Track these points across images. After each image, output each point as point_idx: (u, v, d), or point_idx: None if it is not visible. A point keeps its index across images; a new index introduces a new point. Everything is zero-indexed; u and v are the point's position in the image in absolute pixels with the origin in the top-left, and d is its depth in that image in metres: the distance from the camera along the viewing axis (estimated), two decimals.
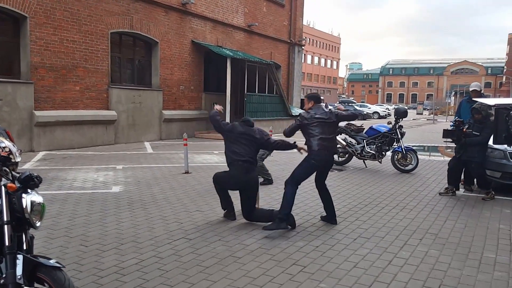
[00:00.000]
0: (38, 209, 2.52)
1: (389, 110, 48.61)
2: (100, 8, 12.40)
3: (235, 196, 5.59)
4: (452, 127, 7.21)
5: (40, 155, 10.41)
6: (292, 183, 5.21)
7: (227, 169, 5.44)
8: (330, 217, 5.51)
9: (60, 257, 4.01)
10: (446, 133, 7.25)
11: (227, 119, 15.79)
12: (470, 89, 8.20)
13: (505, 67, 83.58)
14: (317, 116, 5.20)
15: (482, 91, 8.40)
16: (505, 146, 6.89)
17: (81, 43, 12.02)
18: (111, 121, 12.87)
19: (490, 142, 6.79)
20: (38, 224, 2.54)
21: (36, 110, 10.94)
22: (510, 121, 2.82)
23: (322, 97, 6.25)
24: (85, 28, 12.08)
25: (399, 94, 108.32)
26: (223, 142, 5.49)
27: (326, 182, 5.58)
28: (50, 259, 2.54)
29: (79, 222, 5.15)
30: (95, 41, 12.39)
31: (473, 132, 6.92)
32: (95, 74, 12.49)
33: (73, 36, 11.79)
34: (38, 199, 2.53)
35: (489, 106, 6.94)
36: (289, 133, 5.40)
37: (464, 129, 7.01)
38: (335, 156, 10.26)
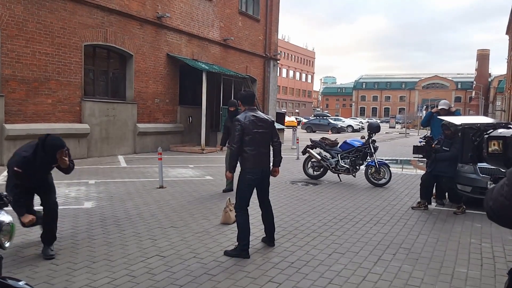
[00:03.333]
0: (7, 229, 2.45)
1: (362, 123, 49.54)
2: (73, 20, 12.26)
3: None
4: (421, 143, 7.41)
5: None
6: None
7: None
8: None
9: (30, 277, 3.89)
10: (416, 149, 7.45)
11: (202, 132, 15.75)
12: (439, 107, 8.44)
13: (475, 82, 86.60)
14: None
15: (450, 108, 8.66)
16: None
17: (54, 56, 11.83)
18: (84, 134, 12.64)
19: None
20: (7, 244, 2.46)
21: (6, 123, 10.65)
22: (477, 141, 2.90)
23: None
24: (58, 40, 11.89)
25: (372, 107, 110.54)
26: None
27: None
28: (19, 280, 2.47)
29: None
30: (68, 54, 12.21)
31: (443, 148, 7.13)
32: (68, 87, 12.28)
33: (46, 48, 11.59)
34: (7, 218, 2.46)
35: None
36: None
37: (433, 145, 7.21)
38: (311, 170, 10.39)
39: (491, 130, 2.11)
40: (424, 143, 7.30)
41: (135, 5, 14.30)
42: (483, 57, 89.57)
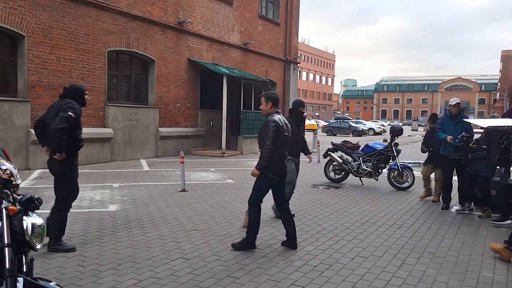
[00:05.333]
0: (39, 232, 2.52)
1: (384, 126, 48.93)
2: (97, 27, 12.53)
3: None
4: (459, 143, 7.17)
5: (36, 173, 10.37)
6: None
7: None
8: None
9: (58, 278, 3.99)
10: (455, 149, 7.23)
11: (223, 136, 15.85)
12: (453, 103, 7.98)
13: (499, 83, 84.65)
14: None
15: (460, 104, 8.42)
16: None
17: (78, 62, 12.10)
18: (107, 138, 12.87)
19: None
20: (38, 246, 2.54)
21: (32, 128, 10.91)
22: (505, 144, 2.87)
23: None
24: (82, 46, 12.17)
25: (394, 110, 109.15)
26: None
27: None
28: (50, 281, 2.54)
29: (76, 242, 5.11)
30: (92, 60, 12.48)
31: (482, 146, 6.95)
32: (92, 92, 12.51)
33: (70, 54, 11.87)
34: (38, 221, 2.53)
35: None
36: None
37: (471, 145, 7.07)
38: (332, 174, 10.34)
39: None
40: (462, 143, 7.12)
41: (157, 11, 14.52)
42: (507, 58, 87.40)
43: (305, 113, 7.07)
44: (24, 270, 2.50)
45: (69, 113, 4.65)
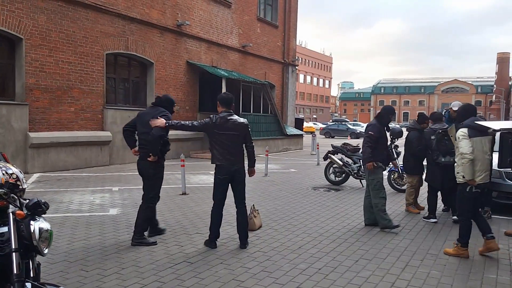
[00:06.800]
0: (46, 236, 2.50)
1: None
2: (95, 29, 12.50)
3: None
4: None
5: (35, 177, 10.31)
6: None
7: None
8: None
9: (61, 283, 3.95)
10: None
11: None
12: (454, 108, 8.06)
13: (495, 85, 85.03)
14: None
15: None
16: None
17: (77, 64, 12.06)
18: (106, 142, 12.83)
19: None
20: (45, 251, 2.51)
21: (30, 131, 10.88)
22: None
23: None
24: (81, 49, 12.13)
25: None
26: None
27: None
28: (58, 286, 2.51)
29: (78, 246, 5.08)
30: (90, 62, 12.44)
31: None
32: (90, 95, 12.50)
33: (69, 57, 11.83)
34: (46, 225, 2.51)
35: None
36: None
37: None
38: (332, 176, 10.32)
39: None
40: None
41: (156, 13, 14.51)
42: (503, 61, 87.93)
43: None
44: (32, 275, 2.47)
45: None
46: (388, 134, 6.68)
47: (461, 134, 5.03)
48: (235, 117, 5.12)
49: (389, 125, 6.72)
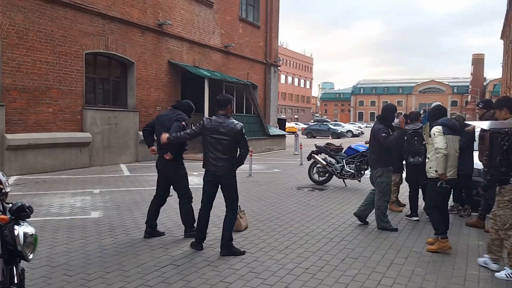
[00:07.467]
0: (31, 241, 2.41)
1: (361, 128, 49.61)
2: (74, 28, 12.25)
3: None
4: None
5: (12, 179, 10.03)
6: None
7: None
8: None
9: None
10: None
11: None
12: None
13: (470, 86, 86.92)
14: None
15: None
16: (480, 164, 7.06)
17: (55, 64, 11.80)
18: (85, 143, 12.58)
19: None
20: (30, 256, 2.43)
21: (7, 133, 10.59)
22: (506, 145, 2.91)
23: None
24: (59, 48, 11.88)
25: (370, 112, 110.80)
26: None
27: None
28: None
29: (60, 251, 4.95)
30: (69, 62, 12.18)
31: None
32: (69, 96, 12.24)
33: (47, 57, 11.57)
34: (30, 230, 2.42)
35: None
36: None
37: None
38: (316, 176, 10.36)
39: None
40: None
41: (136, 12, 14.33)
42: (478, 62, 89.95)
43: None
44: (16, 281, 2.39)
45: (183, 123, 5.49)
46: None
47: (436, 131, 5.36)
48: (230, 121, 5.00)
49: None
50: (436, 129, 5.37)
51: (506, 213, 4.56)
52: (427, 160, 5.51)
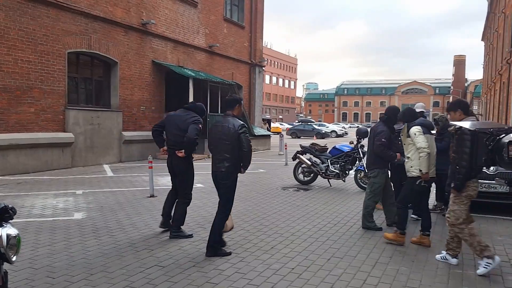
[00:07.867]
0: (14, 243, 2.37)
1: (345, 129, 50.04)
2: (57, 27, 12.07)
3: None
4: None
5: None
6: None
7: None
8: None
9: None
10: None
11: None
12: (418, 110, 8.31)
13: (452, 87, 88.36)
14: None
15: (423, 111, 8.63)
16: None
17: (37, 63, 11.60)
18: (68, 143, 12.40)
19: None
20: (14, 258, 2.38)
21: None
22: (491, 145, 2.98)
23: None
24: (41, 47, 11.68)
25: (354, 113, 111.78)
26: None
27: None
28: None
29: (43, 252, 4.87)
30: (51, 61, 12.00)
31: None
32: (51, 95, 12.05)
33: (28, 56, 11.37)
34: (13, 232, 2.38)
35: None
36: None
37: None
38: (301, 176, 10.40)
39: (504, 135, 2.13)
40: None
41: (120, 11, 14.18)
42: (459, 63, 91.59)
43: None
44: None
45: (200, 126, 5.60)
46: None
47: (416, 131, 5.49)
48: (230, 121, 4.95)
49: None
50: (416, 129, 5.49)
51: (460, 208, 4.71)
52: (406, 159, 5.61)
